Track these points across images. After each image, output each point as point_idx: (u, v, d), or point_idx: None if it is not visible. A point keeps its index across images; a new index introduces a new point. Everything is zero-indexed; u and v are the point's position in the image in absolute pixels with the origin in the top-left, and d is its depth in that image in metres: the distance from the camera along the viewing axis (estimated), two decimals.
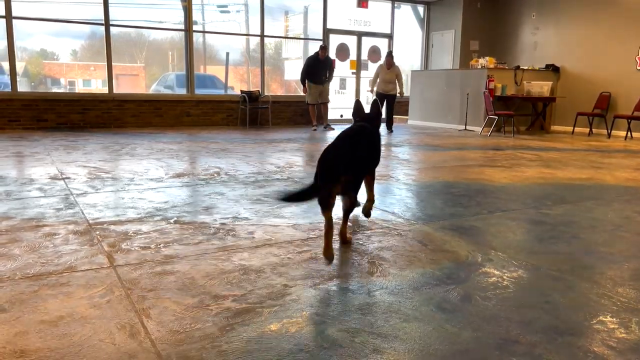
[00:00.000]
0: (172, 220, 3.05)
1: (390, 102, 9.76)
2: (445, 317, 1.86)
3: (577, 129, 10.03)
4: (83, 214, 3.16)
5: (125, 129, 9.10)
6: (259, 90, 10.66)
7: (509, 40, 11.71)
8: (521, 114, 10.05)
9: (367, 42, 11.98)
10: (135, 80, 10.97)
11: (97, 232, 2.78)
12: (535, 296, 2.07)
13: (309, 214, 3.27)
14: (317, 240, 2.71)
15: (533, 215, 3.41)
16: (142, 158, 5.59)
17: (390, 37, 12.21)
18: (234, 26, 10.99)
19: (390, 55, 9.78)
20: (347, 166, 2.48)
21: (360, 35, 11.81)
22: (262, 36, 10.67)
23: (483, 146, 7.48)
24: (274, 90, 11.52)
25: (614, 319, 1.87)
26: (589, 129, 9.89)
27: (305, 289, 2.08)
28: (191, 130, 9.16)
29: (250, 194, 3.85)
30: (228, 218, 3.13)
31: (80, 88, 10.25)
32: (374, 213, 3.29)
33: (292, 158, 5.82)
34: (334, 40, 11.53)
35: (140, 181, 4.27)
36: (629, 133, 9.12)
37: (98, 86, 10.39)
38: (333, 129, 9.64)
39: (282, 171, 4.92)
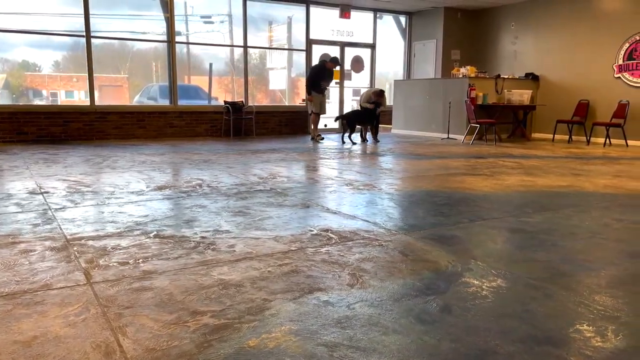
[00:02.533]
0: (151, 235, 3.02)
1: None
2: (424, 328, 1.86)
3: (557, 136, 10.19)
4: (61, 229, 3.11)
5: (108, 141, 9.01)
6: (242, 101, 10.65)
7: (489, 50, 11.88)
8: (503, 122, 10.18)
9: (350, 53, 12.06)
10: (119, 91, 10.89)
11: (75, 248, 2.74)
12: (514, 305, 2.08)
13: (291, 225, 3.26)
14: (298, 253, 2.70)
15: (513, 223, 3.44)
16: (123, 171, 5.53)
17: (373, 47, 12.31)
18: (218, 37, 10.99)
19: None
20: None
21: (343, 45, 11.89)
22: (245, 47, 10.68)
23: (465, 154, 7.55)
24: (259, 100, 11.52)
25: (591, 327, 1.89)
26: (568, 136, 10.05)
27: (285, 302, 2.07)
28: (174, 142, 9.10)
29: (232, 206, 3.83)
30: (209, 231, 3.11)
31: (62, 100, 10.14)
32: (356, 224, 3.30)
33: (275, 168, 5.81)
34: (317, 51, 11.59)
35: (121, 194, 4.22)
36: (607, 140, 9.29)
37: (81, 97, 10.28)
38: (323, 139, 9.62)
39: (265, 182, 4.90)
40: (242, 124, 10.58)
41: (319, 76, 9.53)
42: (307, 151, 7.77)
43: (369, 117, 9.50)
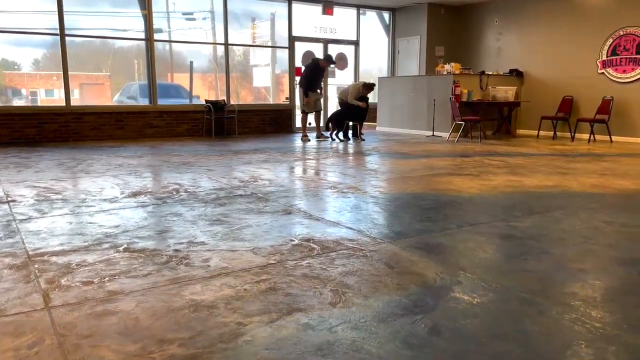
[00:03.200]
0: (121, 248, 2.83)
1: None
2: (412, 354, 1.72)
3: (541, 133, 10.15)
4: (23, 243, 2.91)
5: (85, 143, 8.74)
6: (224, 100, 10.43)
7: (473, 46, 11.80)
8: (487, 119, 10.11)
9: (334, 50, 11.89)
10: (101, 90, 10.60)
11: (36, 266, 2.54)
12: (506, 324, 1.95)
13: (271, 234, 3.10)
14: (277, 267, 2.54)
15: (502, 228, 3.32)
16: (97, 175, 5.31)
17: (356, 43, 12.16)
18: (201, 34, 10.74)
19: None
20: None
21: (326, 42, 11.71)
22: (226, 45, 10.45)
23: (451, 153, 7.44)
24: (243, 97, 11.31)
25: (589, 350, 1.76)
26: (553, 133, 10.01)
27: (261, 327, 1.91)
28: (154, 143, 8.86)
29: (209, 213, 3.65)
30: (183, 243, 2.93)
31: (42, 98, 9.83)
32: (340, 231, 3.15)
33: (257, 171, 5.64)
34: (300, 48, 11.40)
35: (93, 202, 4.01)
36: (591, 136, 9.27)
37: (61, 96, 10.01)
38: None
39: (245, 186, 4.73)
40: (224, 124, 10.36)
41: (314, 75, 9.31)
42: (290, 151, 7.60)
43: (361, 113, 9.36)
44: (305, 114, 9.40)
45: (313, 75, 9.31)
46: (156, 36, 9.70)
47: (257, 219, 3.49)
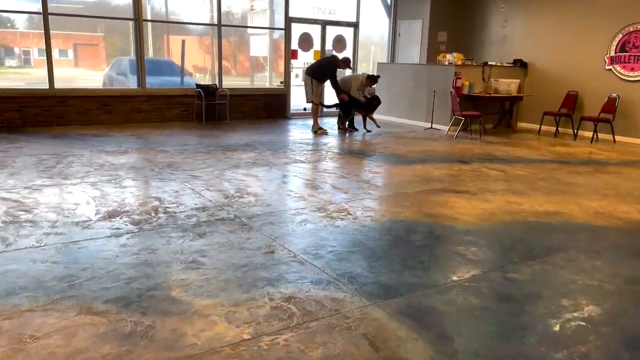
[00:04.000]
0: (83, 309, 2.58)
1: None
2: None
3: (543, 127, 9.84)
4: None
5: (69, 129, 8.39)
6: (216, 84, 10.03)
7: (477, 33, 11.34)
8: (488, 112, 9.78)
9: (332, 32, 11.42)
10: (95, 51, 10.20)
11: None
12: None
13: (250, 288, 2.85)
14: (251, 347, 2.30)
15: (498, 283, 3.09)
16: (76, 182, 5.02)
17: (355, 25, 11.67)
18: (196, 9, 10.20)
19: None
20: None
21: (324, 24, 11.23)
22: (219, 25, 9.98)
23: (449, 156, 7.16)
24: (240, 64, 10.91)
25: None
26: (555, 129, 9.71)
27: None
28: (142, 130, 8.52)
29: (186, 250, 3.40)
30: (153, 298, 2.69)
31: (35, 58, 9.44)
32: (324, 286, 2.91)
33: (244, 180, 5.36)
34: (297, 30, 10.93)
35: (63, 227, 3.75)
36: (594, 135, 8.98)
37: (55, 57, 9.62)
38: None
39: (230, 204, 4.47)
40: (215, 109, 10.00)
41: (332, 71, 8.70)
42: (282, 148, 7.30)
43: (367, 103, 9.05)
44: (316, 105, 9.01)
45: (333, 71, 8.71)
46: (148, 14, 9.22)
47: (237, 259, 3.25)
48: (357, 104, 9.04)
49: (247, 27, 10.95)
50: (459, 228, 4.05)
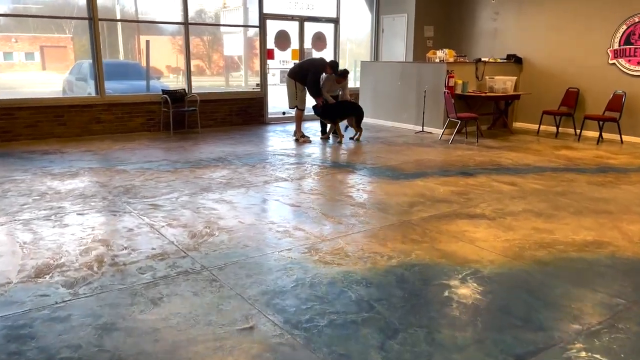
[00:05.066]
0: None
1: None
2: None
3: (542, 127, 9.12)
4: None
5: (17, 145, 7.34)
6: (184, 89, 9.05)
7: (466, 26, 10.57)
8: (483, 113, 9.01)
9: (311, 28, 10.52)
10: (63, 53, 9.26)
11: None
12: None
13: None
14: None
15: None
16: (3, 220, 4.04)
17: (336, 21, 10.80)
18: (166, 7, 9.19)
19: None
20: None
21: (302, 20, 10.33)
22: (186, 24, 9.00)
23: (449, 166, 6.34)
24: (215, 64, 9.98)
25: None
26: (555, 129, 9.00)
27: None
28: (101, 143, 7.52)
29: (132, 331, 2.48)
30: None
31: (0, 62, 8.38)
32: None
33: (216, 209, 4.44)
34: (273, 27, 10.00)
35: None
36: (600, 136, 8.29)
37: (21, 60, 8.81)
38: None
39: (196, 247, 3.56)
40: (184, 117, 9.03)
41: (317, 75, 7.78)
42: (261, 162, 6.39)
43: (352, 107, 8.18)
44: (299, 111, 8.09)
45: (318, 77, 7.82)
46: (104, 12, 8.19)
47: (202, 344, 2.35)
48: (333, 107, 8.16)
49: (216, 24, 9.96)
50: (486, 272, 3.21)
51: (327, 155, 7.12)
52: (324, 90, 8.08)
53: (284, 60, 10.63)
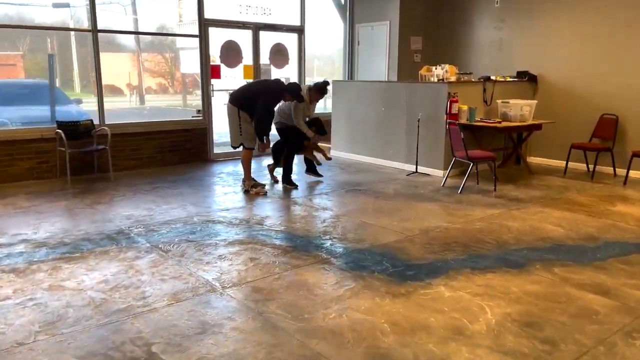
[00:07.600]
0: None
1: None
2: None
3: (562, 163, 7.02)
4: None
5: None
6: (91, 120, 6.58)
7: (463, 37, 8.48)
8: (494, 148, 6.85)
9: (269, 39, 8.24)
10: (13, 72, 7.27)
11: None
12: None
13: None
14: None
15: None
16: None
17: (300, 30, 8.56)
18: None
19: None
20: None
21: (257, 28, 8.03)
22: (94, 31, 6.58)
23: (476, 244, 4.08)
24: (176, 81, 7.75)
25: None
26: (587, 168, 6.92)
27: None
28: None
29: None
30: None
31: None
32: None
33: (126, 342, 2.03)
34: (218, 37, 7.69)
35: None
36: None
37: None
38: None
39: None
40: (92, 157, 6.56)
41: (270, 100, 5.55)
42: (182, 240, 3.98)
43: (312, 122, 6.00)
44: (248, 151, 5.73)
45: (272, 104, 5.62)
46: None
47: None
48: (300, 140, 5.94)
49: (140, 33, 7.52)
50: None
51: (288, 220, 4.77)
52: (300, 120, 5.80)
53: (231, 77, 8.30)
